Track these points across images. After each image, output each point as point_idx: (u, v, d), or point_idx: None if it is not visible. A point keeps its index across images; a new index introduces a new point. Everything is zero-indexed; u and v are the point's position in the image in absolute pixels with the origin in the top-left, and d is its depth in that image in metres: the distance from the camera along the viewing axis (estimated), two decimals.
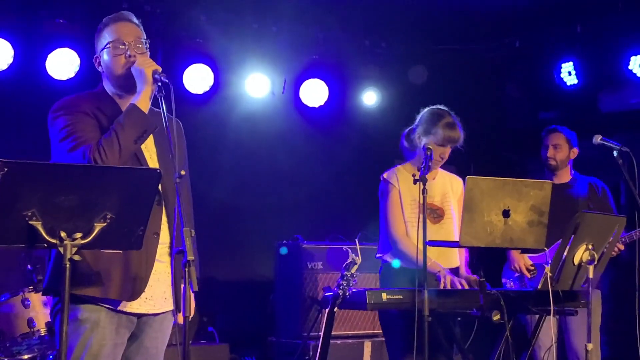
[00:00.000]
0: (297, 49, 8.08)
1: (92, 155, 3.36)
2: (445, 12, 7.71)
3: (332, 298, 4.60)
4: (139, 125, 3.47)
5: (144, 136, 3.49)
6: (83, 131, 3.47)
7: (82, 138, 3.44)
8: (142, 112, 3.49)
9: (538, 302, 4.66)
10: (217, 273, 7.69)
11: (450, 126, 4.93)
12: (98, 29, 3.69)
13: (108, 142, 3.40)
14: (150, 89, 3.52)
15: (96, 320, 3.47)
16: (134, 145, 3.47)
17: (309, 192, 8.21)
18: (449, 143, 4.92)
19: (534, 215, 4.41)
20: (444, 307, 4.52)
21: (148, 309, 3.58)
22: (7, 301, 5.62)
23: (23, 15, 6.84)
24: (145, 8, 7.19)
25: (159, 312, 3.63)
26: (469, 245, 4.38)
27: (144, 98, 3.52)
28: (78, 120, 3.50)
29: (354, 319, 7.13)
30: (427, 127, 4.96)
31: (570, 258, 4.50)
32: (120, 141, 3.41)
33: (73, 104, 3.57)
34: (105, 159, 3.36)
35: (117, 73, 3.62)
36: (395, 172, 5.06)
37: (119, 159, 3.40)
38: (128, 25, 3.67)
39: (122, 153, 3.42)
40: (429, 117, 5.00)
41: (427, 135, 4.94)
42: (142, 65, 3.53)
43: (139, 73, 3.53)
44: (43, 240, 3.06)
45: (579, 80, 7.95)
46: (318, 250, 7.23)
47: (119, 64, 3.60)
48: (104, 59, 3.64)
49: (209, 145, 7.73)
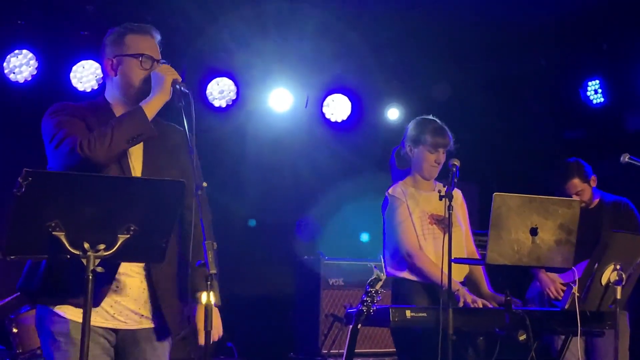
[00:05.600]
0: (320, 64, 8.06)
1: (79, 143, 3.28)
2: (470, 29, 7.67)
3: (356, 315, 4.54)
4: (138, 126, 3.39)
5: (138, 138, 3.40)
6: (72, 127, 3.39)
7: (71, 131, 3.36)
8: (145, 116, 3.41)
9: (564, 322, 4.60)
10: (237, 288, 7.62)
11: (437, 131, 4.95)
12: (118, 31, 3.61)
13: (101, 134, 3.32)
14: (163, 97, 3.46)
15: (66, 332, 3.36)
16: (126, 145, 3.38)
17: (331, 208, 8.16)
18: (439, 147, 4.93)
19: (562, 233, 4.35)
20: (469, 326, 4.46)
21: (117, 325, 3.46)
22: (26, 313, 5.60)
23: (47, 27, 6.87)
24: (169, 22, 7.20)
25: (136, 328, 3.50)
26: (495, 263, 4.32)
27: (153, 104, 3.45)
28: (68, 121, 3.42)
29: (378, 336, 7.07)
30: (415, 136, 4.98)
31: (598, 278, 4.44)
32: (113, 136, 3.32)
33: (64, 107, 3.51)
34: (94, 148, 3.28)
35: (134, 83, 3.55)
36: (401, 187, 5.01)
37: (107, 153, 3.32)
38: (153, 43, 3.61)
39: (112, 148, 3.32)
40: (415, 128, 5.02)
41: (417, 145, 4.96)
42: (164, 72, 3.49)
43: (158, 79, 3.48)
44: (66, 252, 3.02)
45: (605, 99, 7.88)
46: (339, 266, 7.18)
47: (139, 76, 3.54)
48: (123, 66, 3.56)
49: (231, 159, 7.72)
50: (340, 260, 7.22)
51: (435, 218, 4.91)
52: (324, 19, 7.39)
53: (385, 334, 7.01)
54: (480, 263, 4.71)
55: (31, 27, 6.77)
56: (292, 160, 8.10)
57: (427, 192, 4.95)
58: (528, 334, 4.39)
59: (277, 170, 8.07)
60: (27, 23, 6.76)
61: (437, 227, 4.88)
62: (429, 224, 4.89)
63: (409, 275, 4.86)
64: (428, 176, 4.98)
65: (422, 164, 4.95)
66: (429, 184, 4.99)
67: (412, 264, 4.83)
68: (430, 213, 4.92)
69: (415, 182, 5.02)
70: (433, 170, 4.96)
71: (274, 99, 7.97)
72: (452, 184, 4.48)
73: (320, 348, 7.00)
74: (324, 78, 8.18)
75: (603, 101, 7.90)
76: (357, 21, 7.54)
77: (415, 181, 5.02)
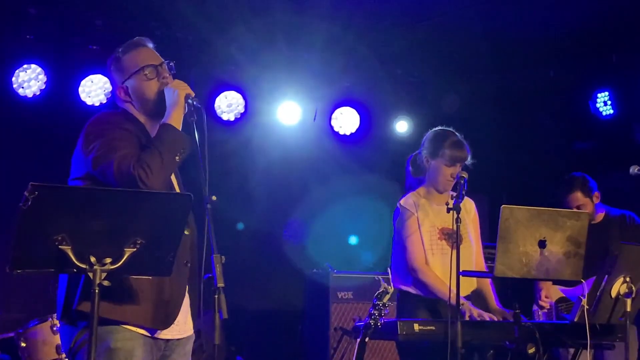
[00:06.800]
0: (328, 77, 8.07)
1: (136, 172, 3.22)
2: (478, 41, 7.66)
3: (364, 328, 4.52)
4: (179, 142, 3.38)
5: (183, 153, 3.38)
6: (126, 147, 3.33)
7: (125, 153, 3.30)
8: (178, 130, 3.41)
9: (574, 335, 4.56)
10: (246, 301, 7.62)
11: (456, 145, 4.90)
12: (114, 58, 3.60)
13: (151, 157, 3.28)
14: (180, 111, 3.45)
15: (130, 349, 3.31)
16: (176, 164, 3.38)
17: (340, 220, 8.15)
18: (457, 162, 4.88)
19: (571, 246, 4.32)
20: (478, 339, 4.43)
21: (174, 334, 3.50)
22: (35, 327, 5.59)
23: (56, 41, 6.89)
24: (177, 35, 7.23)
25: (183, 337, 3.55)
26: (503, 275, 4.28)
27: (175, 118, 3.43)
28: (120, 136, 3.37)
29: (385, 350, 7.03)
30: (434, 149, 4.93)
31: (608, 291, 4.40)
32: (163, 156, 3.29)
33: (114, 120, 3.48)
34: (151, 174, 3.24)
35: (150, 97, 3.54)
36: (412, 198, 4.98)
37: (163, 176, 3.31)
38: (149, 50, 3.61)
39: (165, 169, 3.31)
40: (433, 139, 4.97)
41: (435, 157, 4.91)
42: (176, 87, 3.49)
43: (172, 94, 3.48)
44: (72, 265, 3.02)
45: (615, 111, 7.86)
46: (349, 279, 7.16)
47: (152, 89, 3.54)
48: (134, 86, 3.54)
49: (240, 172, 7.72)
50: (350, 274, 7.21)
51: (445, 232, 4.88)
52: (332, 32, 7.39)
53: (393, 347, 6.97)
54: (489, 276, 4.68)
55: (40, 42, 6.79)
56: (300, 173, 8.09)
57: (439, 205, 4.90)
58: (537, 347, 4.36)
59: (286, 183, 8.06)
60: (35, 38, 6.78)
61: (446, 242, 4.85)
62: (438, 239, 4.86)
63: (413, 290, 4.84)
64: (442, 189, 4.94)
65: (438, 177, 4.92)
66: (442, 197, 4.94)
67: (417, 279, 4.81)
68: (441, 227, 4.89)
69: (428, 193, 4.99)
70: (448, 184, 4.91)
71: (283, 112, 7.98)
72: (461, 196, 4.45)
73: None
74: (333, 91, 8.18)
75: (612, 113, 7.88)
76: (366, 34, 7.55)
77: (429, 192, 4.99)
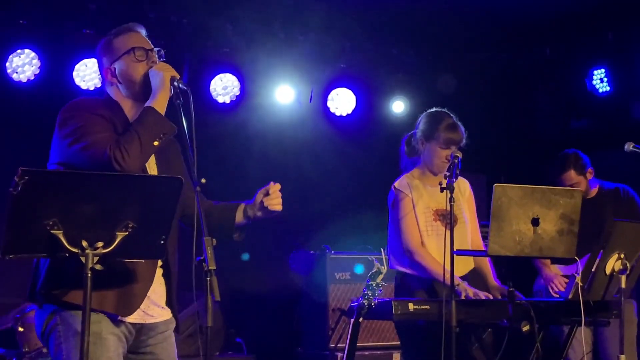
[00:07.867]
0: (324, 58, 8.04)
1: (112, 153, 3.24)
2: (474, 20, 7.65)
3: (357, 308, 4.54)
4: (160, 126, 3.37)
5: (163, 138, 3.38)
6: (100, 131, 3.35)
7: (100, 136, 3.32)
8: (161, 115, 3.41)
9: (569, 312, 4.57)
10: (244, 284, 7.64)
11: (451, 127, 4.89)
12: (106, 40, 3.61)
13: (129, 140, 3.29)
14: (165, 94, 3.44)
15: (98, 332, 3.30)
16: (154, 148, 3.37)
17: (336, 202, 8.15)
18: (452, 144, 4.85)
19: (564, 224, 4.33)
20: (473, 318, 4.45)
21: (147, 319, 3.48)
22: (32, 312, 5.61)
23: (49, 25, 6.87)
24: (172, 19, 7.19)
25: (156, 321, 3.53)
26: (497, 254, 4.29)
27: (160, 101, 3.43)
28: (94, 121, 3.38)
29: (382, 330, 7.06)
30: (428, 131, 4.92)
31: (602, 268, 4.42)
32: (141, 140, 3.30)
33: (88, 106, 3.48)
34: (127, 157, 3.25)
35: (137, 80, 3.53)
36: (406, 179, 4.98)
37: (140, 159, 3.31)
38: (141, 36, 3.62)
39: (143, 152, 3.31)
40: (428, 121, 4.96)
41: (430, 140, 4.91)
42: (161, 69, 3.48)
43: (156, 76, 3.47)
44: (64, 250, 3.03)
45: (611, 88, 7.85)
46: (346, 260, 7.17)
47: (139, 71, 3.53)
48: (121, 68, 3.54)
49: (235, 155, 7.72)
50: (347, 254, 7.21)
51: (439, 214, 4.88)
52: (327, 12, 7.37)
53: (390, 327, 7.00)
54: (483, 254, 4.69)
55: (33, 27, 6.76)
56: (296, 155, 8.07)
57: (434, 186, 4.88)
58: (532, 325, 4.37)
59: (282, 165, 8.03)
60: (29, 22, 6.75)
61: (441, 223, 4.85)
62: (432, 220, 4.87)
63: (410, 271, 4.85)
64: (437, 171, 4.93)
65: (433, 159, 4.91)
66: (436, 178, 4.92)
67: (413, 260, 4.82)
68: (435, 208, 4.90)
69: (422, 175, 4.99)
70: (443, 166, 4.88)
71: (278, 93, 7.96)
72: (454, 176, 4.45)
73: (327, 342, 7.00)
74: (328, 72, 8.15)
75: (609, 90, 7.87)
76: (361, 15, 7.52)
77: (423, 174, 4.99)
